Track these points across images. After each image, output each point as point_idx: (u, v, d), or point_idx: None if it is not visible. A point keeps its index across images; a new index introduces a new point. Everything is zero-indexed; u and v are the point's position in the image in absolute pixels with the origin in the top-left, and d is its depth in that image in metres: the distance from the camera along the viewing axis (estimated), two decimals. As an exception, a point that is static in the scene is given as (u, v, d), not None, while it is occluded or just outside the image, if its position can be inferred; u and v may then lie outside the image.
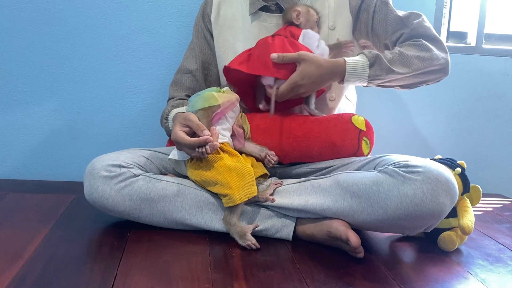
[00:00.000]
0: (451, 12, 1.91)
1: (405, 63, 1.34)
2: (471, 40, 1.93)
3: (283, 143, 1.37)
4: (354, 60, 1.34)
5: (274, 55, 1.31)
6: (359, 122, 1.39)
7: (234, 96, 1.36)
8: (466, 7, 1.94)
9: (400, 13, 1.44)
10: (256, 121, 1.40)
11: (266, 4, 1.47)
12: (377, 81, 1.35)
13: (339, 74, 1.34)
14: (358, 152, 1.38)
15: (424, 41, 1.37)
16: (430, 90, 1.88)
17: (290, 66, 1.32)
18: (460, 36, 1.95)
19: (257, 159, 1.37)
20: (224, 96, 1.32)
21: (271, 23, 1.48)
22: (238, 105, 1.39)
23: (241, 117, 1.39)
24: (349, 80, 1.35)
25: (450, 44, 1.92)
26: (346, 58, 1.34)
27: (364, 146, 1.39)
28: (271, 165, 1.35)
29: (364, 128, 1.39)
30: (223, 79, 1.55)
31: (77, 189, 1.57)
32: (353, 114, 1.42)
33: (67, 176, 1.79)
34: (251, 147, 1.37)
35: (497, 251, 1.31)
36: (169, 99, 1.56)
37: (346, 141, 1.37)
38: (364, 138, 1.38)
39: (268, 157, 1.35)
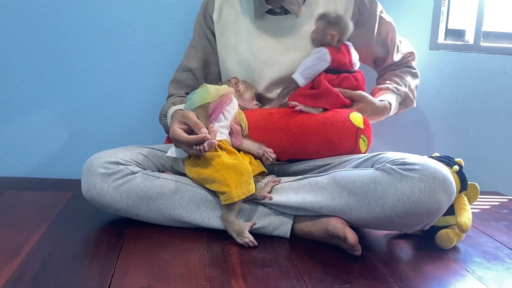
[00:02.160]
0: (449, 9, 1.91)
1: (413, 93, 1.62)
2: (469, 38, 1.93)
3: (280, 140, 1.37)
4: (394, 103, 1.53)
5: (340, 90, 1.41)
6: (357, 119, 1.39)
7: (230, 89, 1.36)
8: (464, 4, 1.94)
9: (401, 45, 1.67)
10: (254, 118, 1.40)
11: (271, 7, 1.47)
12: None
13: (383, 115, 1.52)
14: (355, 150, 1.38)
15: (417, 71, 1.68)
16: (428, 87, 1.88)
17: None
18: (458, 34, 1.95)
19: (255, 157, 1.36)
20: (220, 90, 1.32)
21: (276, 25, 1.48)
22: (236, 102, 1.39)
23: (239, 114, 1.39)
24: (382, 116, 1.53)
25: (448, 42, 1.92)
26: (390, 101, 1.52)
27: (362, 144, 1.38)
28: (269, 162, 1.35)
29: (362, 126, 1.38)
30: (223, 78, 1.56)
31: (74, 187, 1.57)
32: (352, 111, 1.41)
33: (65, 174, 1.78)
34: (249, 144, 1.37)
35: (495, 249, 1.31)
36: (169, 96, 1.56)
37: (343, 139, 1.37)
38: (361, 136, 1.38)
39: (266, 154, 1.35)
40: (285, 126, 1.37)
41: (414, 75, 1.66)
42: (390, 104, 1.52)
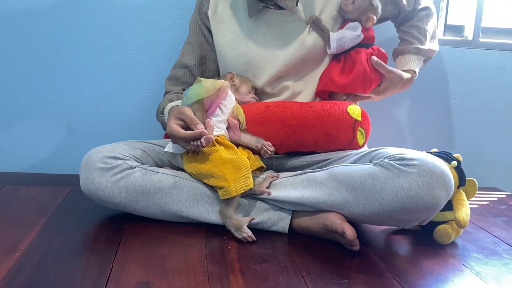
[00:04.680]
0: (448, 5, 1.91)
1: (434, 40, 1.62)
2: (468, 34, 1.93)
3: (278, 133, 1.37)
4: (418, 67, 1.56)
5: (374, 58, 1.45)
6: (355, 112, 1.38)
7: (226, 83, 1.36)
8: (463, 0, 1.94)
9: None
10: (251, 111, 1.40)
11: (265, 5, 1.46)
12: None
13: (410, 84, 1.55)
14: (353, 143, 1.38)
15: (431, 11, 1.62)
16: (426, 83, 1.88)
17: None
18: (457, 29, 1.95)
19: (253, 150, 1.36)
20: (216, 85, 1.32)
21: (274, 19, 1.47)
22: (233, 96, 1.39)
23: (236, 108, 1.39)
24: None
25: (447, 37, 1.92)
26: (414, 69, 1.55)
27: (359, 137, 1.38)
28: (267, 155, 1.35)
29: (359, 119, 1.38)
30: (222, 74, 1.55)
31: (73, 182, 1.57)
32: (350, 103, 1.41)
33: (63, 169, 1.78)
34: (247, 138, 1.36)
35: (493, 244, 1.31)
36: (165, 93, 1.55)
37: (341, 131, 1.37)
38: (359, 128, 1.38)
39: (264, 147, 1.34)
40: (282, 118, 1.37)
41: (429, 16, 1.59)
42: (415, 72, 1.55)
